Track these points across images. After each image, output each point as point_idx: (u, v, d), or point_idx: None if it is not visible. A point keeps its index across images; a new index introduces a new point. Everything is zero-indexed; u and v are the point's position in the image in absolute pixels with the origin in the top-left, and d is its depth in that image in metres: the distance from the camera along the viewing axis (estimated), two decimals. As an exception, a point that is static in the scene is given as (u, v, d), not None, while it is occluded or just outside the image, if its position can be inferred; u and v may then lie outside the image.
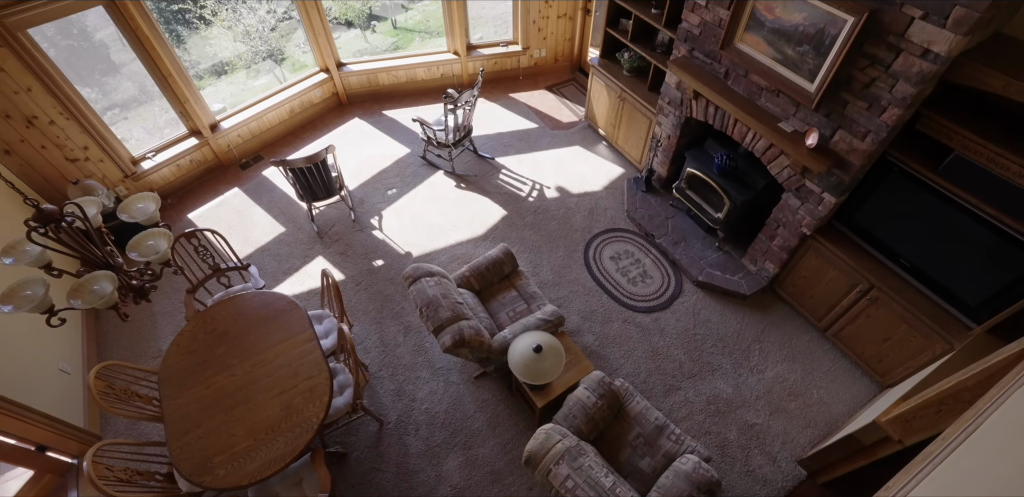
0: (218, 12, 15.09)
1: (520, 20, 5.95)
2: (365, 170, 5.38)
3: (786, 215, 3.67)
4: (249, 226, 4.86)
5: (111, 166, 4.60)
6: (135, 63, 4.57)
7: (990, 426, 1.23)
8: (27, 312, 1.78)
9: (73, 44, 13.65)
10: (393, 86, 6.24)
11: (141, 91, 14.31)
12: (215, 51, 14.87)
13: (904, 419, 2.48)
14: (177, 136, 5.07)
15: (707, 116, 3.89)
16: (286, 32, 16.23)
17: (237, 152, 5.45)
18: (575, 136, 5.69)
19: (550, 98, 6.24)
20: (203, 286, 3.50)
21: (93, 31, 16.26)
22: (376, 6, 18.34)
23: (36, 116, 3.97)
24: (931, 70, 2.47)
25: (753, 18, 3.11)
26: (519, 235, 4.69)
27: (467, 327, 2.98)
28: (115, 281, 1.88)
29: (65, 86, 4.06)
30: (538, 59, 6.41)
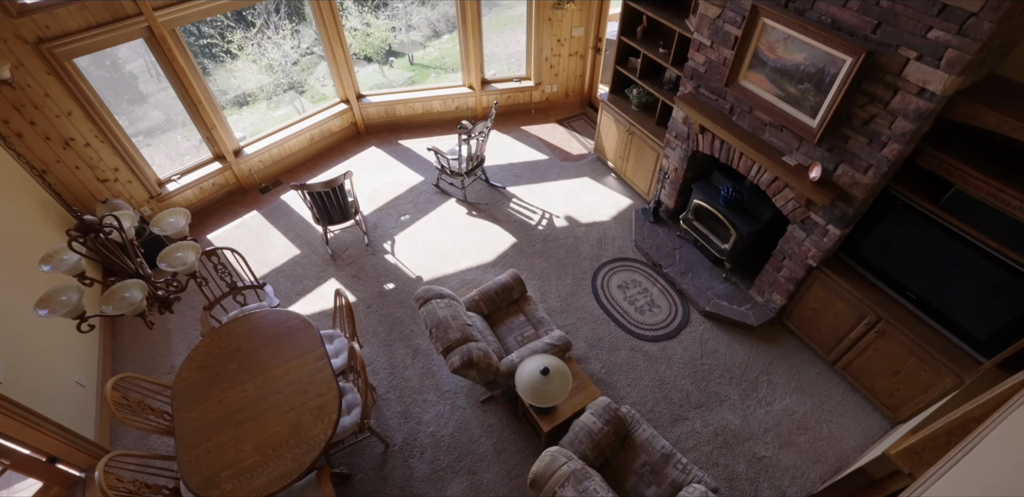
0: (244, 46, 15.83)
1: (533, 57, 6.23)
2: (380, 196, 5.53)
3: (792, 247, 3.73)
4: (265, 247, 4.98)
5: (138, 187, 4.79)
6: (162, 93, 4.83)
7: (987, 443, 1.26)
8: (61, 317, 1.87)
9: (105, 75, 14.28)
10: (409, 117, 6.48)
11: (165, 120, 14.86)
12: (239, 83, 15.50)
13: (914, 451, 2.47)
14: (202, 160, 5.28)
15: (713, 150, 4.01)
16: (307, 66, 16.93)
17: (258, 177, 5.65)
18: (584, 168, 5.84)
19: (561, 131, 6.45)
20: (220, 303, 3.58)
21: (124, 63, 17.04)
22: (395, 43, 19.14)
23: (73, 138, 4.17)
24: (928, 108, 2.59)
25: (756, 57, 3.27)
26: (528, 262, 4.76)
27: (475, 348, 3.02)
28: (145, 289, 1.97)
29: (102, 111, 4.29)
30: (550, 94, 6.65)
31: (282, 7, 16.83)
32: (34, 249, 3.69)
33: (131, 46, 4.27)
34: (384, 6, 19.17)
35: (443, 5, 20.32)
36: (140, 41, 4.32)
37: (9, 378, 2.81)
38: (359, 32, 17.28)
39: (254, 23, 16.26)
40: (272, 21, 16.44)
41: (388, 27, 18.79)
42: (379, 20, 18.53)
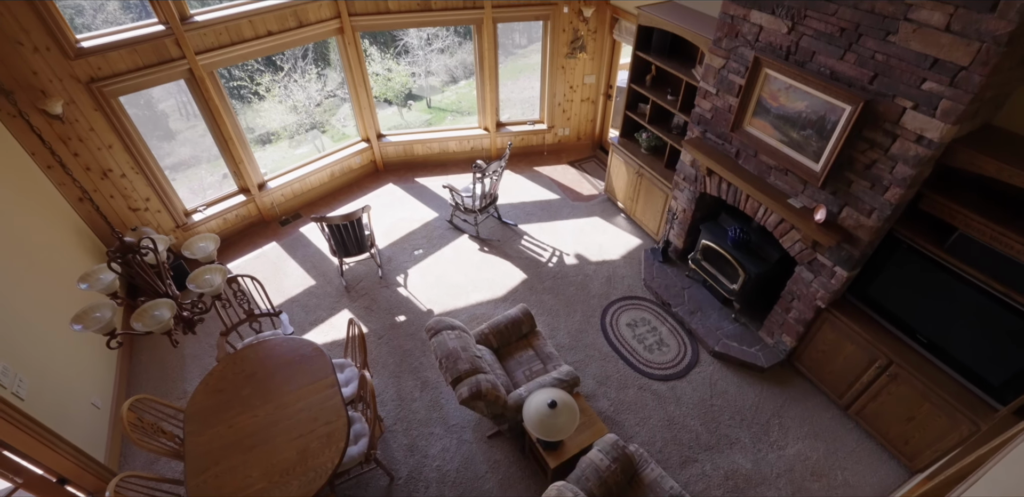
0: (271, 89, 16.66)
1: (546, 102, 6.52)
2: (395, 231, 5.68)
3: (800, 288, 3.77)
4: (282, 277, 5.10)
5: (166, 217, 4.99)
6: (190, 131, 5.13)
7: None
8: (93, 332, 1.95)
9: (139, 112, 15.02)
10: (426, 156, 6.73)
11: (191, 156, 15.51)
12: (264, 122, 16.22)
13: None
14: (227, 193, 5.50)
15: (720, 192, 4.14)
16: (329, 107, 17.71)
17: (279, 210, 5.85)
18: (595, 208, 5.99)
19: (572, 172, 6.64)
20: (236, 330, 3.66)
21: (157, 102, 17.93)
22: (414, 87, 20.03)
23: (111, 169, 4.41)
24: (926, 154, 2.70)
25: (760, 105, 3.45)
26: (538, 299, 4.82)
27: (484, 380, 3.05)
28: (174, 309, 2.06)
29: (140, 145, 4.55)
30: (562, 137, 6.91)
31: (309, 53, 17.81)
32: (65, 273, 3.84)
33: (164, 87, 4.56)
34: (406, 53, 20.20)
35: (461, 53, 21.33)
36: (178, 81, 4.62)
37: (32, 396, 2.86)
38: (381, 77, 18.16)
39: (282, 67, 17.18)
40: (299, 66, 17.36)
41: (408, 72, 19.72)
42: (400, 66, 19.48)
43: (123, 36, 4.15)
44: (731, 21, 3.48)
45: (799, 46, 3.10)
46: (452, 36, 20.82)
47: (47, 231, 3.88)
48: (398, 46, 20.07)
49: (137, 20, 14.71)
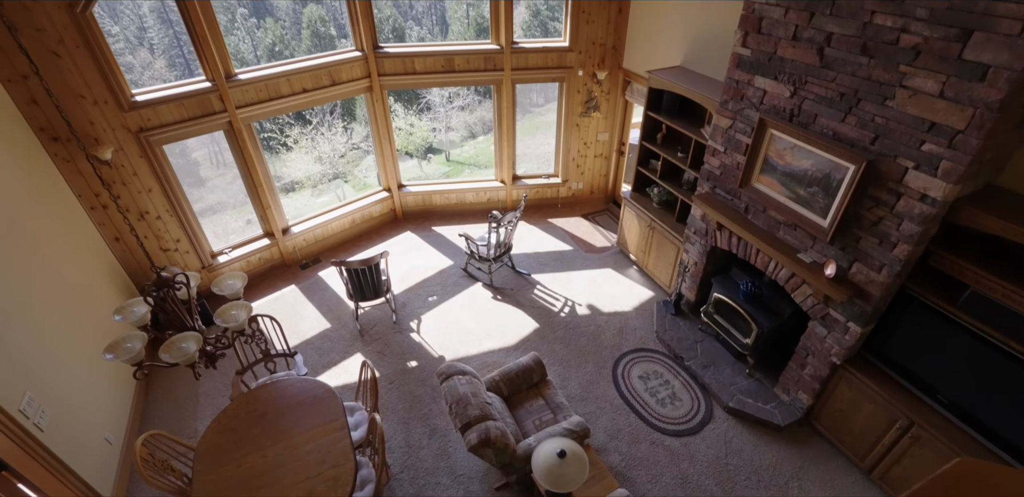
0: (299, 141, 17.54)
1: (561, 157, 6.80)
2: (411, 277, 5.79)
3: (814, 343, 3.75)
4: (299, 320, 5.18)
5: (194, 258, 5.19)
6: (219, 178, 5.44)
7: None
8: (123, 362, 2.03)
9: (175, 161, 15.69)
10: (444, 206, 6.96)
11: (218, 202, 16.14)
12: (290, 171, 16.96)
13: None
14: (252, 236, 5.71)
15: (731, 246, 4.22)
16: (352, 159, 18.50)
17: (300, 254, 6.03)
18: (607, 259, 6.08)
19: (585, 224, 6.80)
20: (252, 369, 3.70)
21: (191, 151, 18.89)
22: (434, 141, 20.93)
23: (148, 211, 4.65)
24: (931, 212, 2.77)
25: (766, 162, 3.60)
26: (549, 348, 4.81)
27: (494, 427, 3.02)
28: (200, 342, 2.14)
29: (177, 190, 4.83)
30: (576, 190, 7.13)
31: (338, 108, 18.87)
32: (95, 308, 3.99)
33: (200, 137, 4.90)
34: (428, 110, 21.28)
35: (480, 110, 22.38)
36: (217, 132, 4.95)
37: (51, 428, 2.90)
38: (403, 131, 19.08)
39: (311, 121, 18.17)
40: (327, 120, 18.37)
41: (430, 128, 20.69)
42: (422, 121, 20.47)
43: (173, 91, 4.52)
44: (736, 85, 3.71)
45: (801, 109, 3.29)
46: (472, 95, 21.98)
47: (83, 267, 4.07)
48: (421, 103, 21.20)
49: (180, 77, 16.02)
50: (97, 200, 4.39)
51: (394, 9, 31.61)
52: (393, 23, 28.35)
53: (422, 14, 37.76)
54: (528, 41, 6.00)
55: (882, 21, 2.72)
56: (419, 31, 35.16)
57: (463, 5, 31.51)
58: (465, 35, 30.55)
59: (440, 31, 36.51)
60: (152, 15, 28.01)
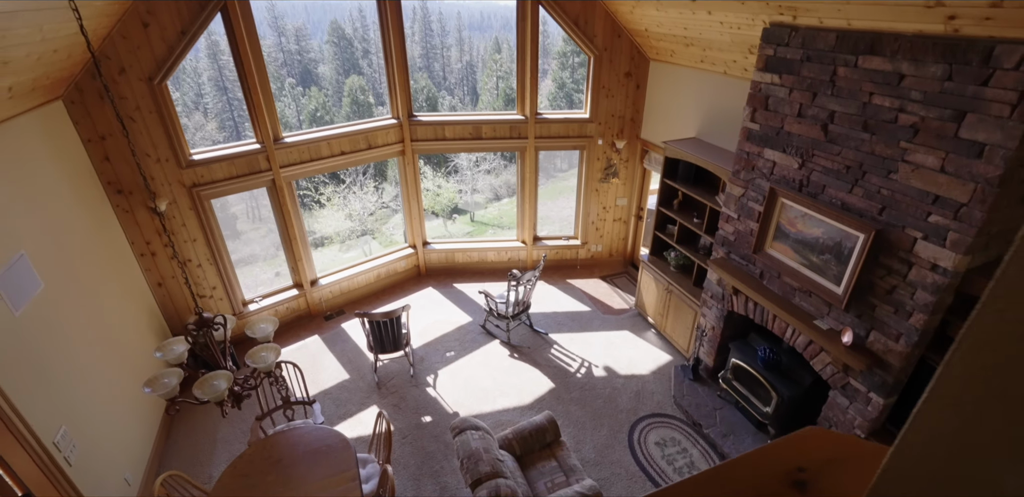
0: (332, 198, 18.39)
1: (581, 220, 7.03)
2: (430, 332, 5.89)
3: (836, 414, 3.66)
4: (319, 370, 5.26)
5: (226, 305, 5.41)
6: (254, 232, 5.80)
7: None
8: (159, 396, 2.15)
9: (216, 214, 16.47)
10: (466, 264, 7.17)
11: (250, 254, 16.73)
12: (321, 227, 17.65)
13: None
14: (281, 287, 5.94)
15: (747, 311, 4.25)
16: (381, 217, 19.21)
17: (326, 305, 6.22)
18: (625, 321, 6.10)
19: (603, 286, 6.89)
20: (271, 416, 3.75)
21: (230, 206, 19.85)
22: (460, 202, 21.68)
23: (191, 259, 4.95)
24: (943, 282, 2.82)
25: (779, 230, 3.73)
26: (564, 409, 4.76)
27: (504, 485, 2.98)
28: (230, 380, 2.26)
29: (220, 241, 5.14)
30: (595, 253, 7.29)
31: (370, 169, 19.88)
32: (131, 348, 4.19)
33: (240, 193, 5.28)
34: (455, 172, 22.24)
35: (506, 174, 23.27)
36: (261, 189, 5.34)
37: (78, 463, 2.98)
38: (431, 192, 19.89)
39: (344, 180, 19.12)
40: (359, 180, 19.32)
41: (456, 189, 21.52)
42: (449, 183, 21.34)
43: (226, 152, 4.95)
44: (747, 157, 3.93)
45: (810, 180, 3.46)
46: (499, 159, 23.00)
47: (126, 309, 4.32)
48: (449, 166, 22.22)
49: (229, 137, 17.18)
50: (147, 247, 4.71)
51: (429, 80, 34.01)
52: (427, 93, 30.43)
53: (455, 85, 40.46)
54: (551, 112, 6.45)
55: (880, 102, 2.93)
56: (451, 100, 37.53)
57: (493, 78, 33.79)
58: (494, 105, 32.47)
59: (471, 100, 38.89)
60: (210, 83, 30.66)
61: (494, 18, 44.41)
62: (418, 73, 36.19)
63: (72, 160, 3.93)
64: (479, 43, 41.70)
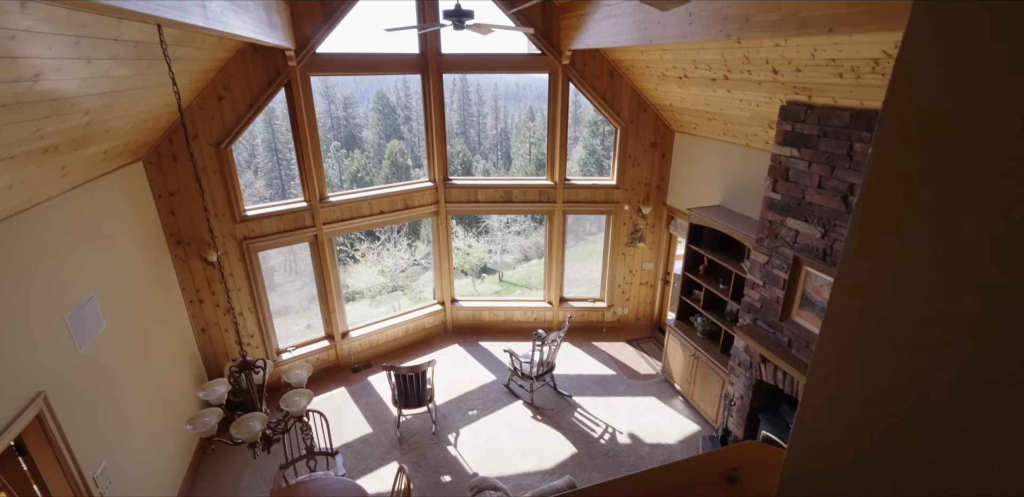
0: (366, 254, 18.99)
1: (607, 283, 7.13)
2: (454, 389, 5.90)
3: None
4: (344, 421, 5.29)
5: (261, 353, 5.62)
6: (290, 284, 6.10)
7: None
8: (198, 434, 2.28)
9: (252, 266, 17.13)
10: (492, 323, 7.26)
11: (284, 306, 17.17)
12: (353, 282, 18.11)
13: None
14: (314, 338, 6.13)
15: (776, 380, 4.19)
16: (412, 274, 19.62)
17: (354, 358, 6.34)
18: (651, 387, 6.00)
19: (629, 350, 6.84)
20: (294, 465, 3.79)
21: (269, 258, 20.61)
22: (489, 262, 22.03)
23: (233, 308, 5.21)
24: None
25: (805, 298, 3.77)
26: (587, 476, 4.63)
27: (523, 551, 2.91)
28: (264, 422, 2.38)
29: (261, 291, 5.44)
30: (621, 316, 7.31)
31: (404, 227, 20.60)
32: (173, 389, 4.40)
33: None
34: (486, 233, 22.79)
35: (535, 235, 23.69)
36: (303, 243, 5.69)
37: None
38: (461, 251, 20.34)
39: (379, 237, 19.80)
40: (393, 237, 19.99)
41: (486, 249, 21.95)
42: (480, 243, 21.83)
43: (276, 209, 5.36)
44: (770, 225, 4.06)
45: (833, 249, 3.55)
46: (529, 221, 23.56)
47: (171, 352, 4.57)
48: (480, 226, 22.84)
49: (275, 195, 18.16)
50: (196, 295, 5.02)
51: (464, 145, 35.77)
52: (463, 157, 31.94)
53: (489, 150, 42.36)
54: (579, 178, 6.78)
55: (894, 178, 3.08)
56: (485, 164, 39.14)
57: (526, 144, 35.35)
58: (526, 169, 33.71)
59: (504, 165, 40.48)
60: (262, 145, 32.97)
61: (529, 89, 47.18)
62: (455, 139, 38.20)
63: (143, 213, 4.35)
64: (514, 111, 44.06)
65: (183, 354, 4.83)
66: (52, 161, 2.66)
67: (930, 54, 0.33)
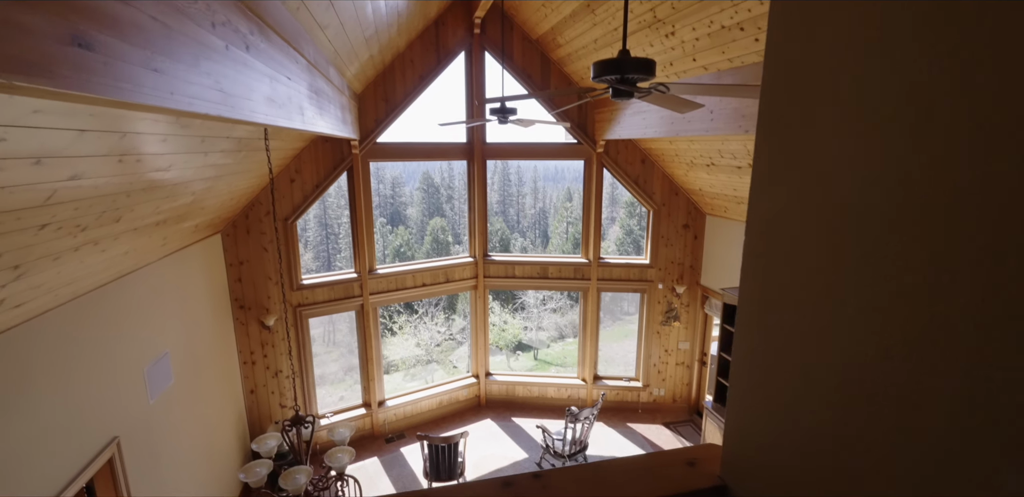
0: (404, 327, 19.29)
1: (642, 362, 7.10)
2: (484, 465, 5.81)
3: None
4: (374, 491, 5.26)
5: (299, 417, 5.76)
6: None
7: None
8: (252, 483, 2.45)
9: (294, 335, 17.57)
10: (525, 398, 7.24)
11: (320, 376, 17.33)
12: (388, 353, 18.28)
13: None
14: (351, 405, 6.27)
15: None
16: (447, 349, 19.66)
17: (388, 428, 6.40)
18: (689, 472, 5.75)
19: (666, 434, 6.63)
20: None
21: (311, 329, 21.02)
22: (524, 338, 21.90)
23: (281, 370, 5.51)
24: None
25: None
26: (619, 566, 4.39)
27: None
28: (309, 476, 2.53)
29: (308, 356, 5.73)
30: (657, 397, 7.17)
31: (442, 301, 20.98)
32: (219, 445, 4.60)
33: (319, 318, 5.99)
34: (522, 310, 22.88)
35: (571, 314, 23.58)
36: (350, 312, 6.04)
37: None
38: (496, 327, 20.40)
39: (417, 310, 20.18)
40: (431, 311, 20.33)
41: (522, 326, 21.93)
42: (515, 320, 21.87)
43: (330, 279, 5.80)
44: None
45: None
46: (565, 299, 23.62)
47: (221, 410, 4.84)
48: (517, 303, 23.01)
49: (322, 266, 19.02)
50: (250, 357, 5.35)
51: (504, 223, 37.03)
52: (501, 235, 32.98)
53: (527, 228, 43.58)
54: (613, 257, 7.06)
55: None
56: (523, 242, 40.12)
57: (564, 223, 36.33)
58: (563, 248, 34.36)
59: (541, 242, 41.36)
60: (314, 220, 35.10)
61: (568, 170, 49.32)
62: (495, 217, 39.68)
63: (215, 278, 4.84)
64: (552, 192, 45.80)
65: (232, 412, 5.07)
66: (159, 232, 3.15)
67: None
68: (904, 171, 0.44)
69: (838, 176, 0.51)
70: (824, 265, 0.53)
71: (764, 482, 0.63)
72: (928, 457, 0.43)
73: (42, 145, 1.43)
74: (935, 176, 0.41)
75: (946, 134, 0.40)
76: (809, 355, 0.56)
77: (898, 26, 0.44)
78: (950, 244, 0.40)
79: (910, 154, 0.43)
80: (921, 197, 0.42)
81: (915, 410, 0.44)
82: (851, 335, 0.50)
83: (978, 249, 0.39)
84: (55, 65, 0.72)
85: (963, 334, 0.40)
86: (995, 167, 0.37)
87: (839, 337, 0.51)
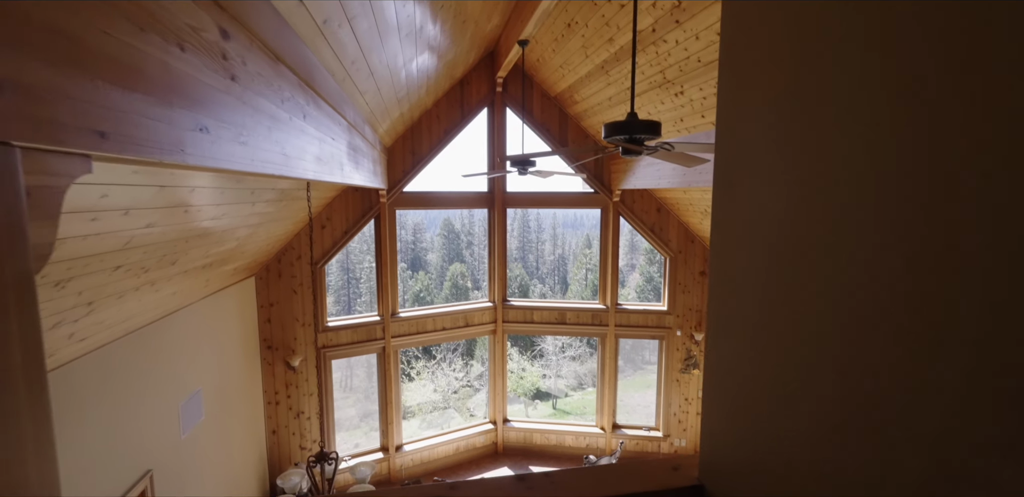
0: (421, 372, 19.17)
1: (662, 411, 7.00)
2: (499, 515, 5.69)
3: None
4: (385, 540, 5.17)
5: (317, 460, 5.79)
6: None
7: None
8: (277, 517, 2.54)
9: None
10: (543, 446, 7.13)
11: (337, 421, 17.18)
12: (406, 399, 18.10)
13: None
14: (369, 448, 6.27)
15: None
16: (463, 396, 19.38)
17: (405, 473, 6.34)
18: (712, 528, 5.54)
19: (688, 485, 6.43)
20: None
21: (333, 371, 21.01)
22: (543, 386, 21.49)
23: (303, 411, 5.60)
24: None
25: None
26: None
27: None
28: (333, 513, 2.61)
29: (329, 398, 5.83)
30: (678, 447, 7.00)
31: (460, 347, 20.90)
32: (240, 481, 4.64)
33: (337, 361, 6.12)
34: (540, 357, 22.61)
35: (591, 362, 23.18)
36: (372, 354, 6.17)
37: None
38: (515, 374, 20.12)
39: (435, 356, 20.11)
40: (448, 356, 20.23)
41: (540, 373, 21.59)
42: (533, 367, 21.57)
43: (354, 321, 5.99)
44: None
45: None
46: (584, 347, 23.31)
47: (244, 447, 4.93)
48: (535, 350, 22.77)
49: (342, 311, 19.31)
50: (274, 397, 5.48)
51: (523, 269, 37.21)
52: (520, 280, 33.09)
53: (546, 274, 43.64)
54: (631, 303, 7.14)
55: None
56: (542, 288, 40.10)
57: (583, 269, 36.36)
58: (582, 294, 34.21)
59: (560, 289, 41.26)
60: (336, 265, 35.79)
61: (586, 218, 49.84)
62: (514, 263, 39.93)
63: (247, 319, 5.07)
64: (571, 239, 46.13)
65: (254, 452, 5.14)
66: (204, 275, 3.41)
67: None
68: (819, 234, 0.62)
69: (755, 240, 0.69)
70: (752, 305, 0.70)
71: (734, 482, 0.77)
72: (846, 450, 0.58)
73: (133, 199, 1.69)
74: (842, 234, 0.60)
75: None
76: (746, 374, 0.72)
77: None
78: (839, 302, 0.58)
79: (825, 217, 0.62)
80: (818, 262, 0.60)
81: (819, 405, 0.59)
82: (775, 360, 0.66)
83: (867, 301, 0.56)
84: (184, 145, 0.95)
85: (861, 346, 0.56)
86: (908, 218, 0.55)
87: (767, 358, 0.68)
